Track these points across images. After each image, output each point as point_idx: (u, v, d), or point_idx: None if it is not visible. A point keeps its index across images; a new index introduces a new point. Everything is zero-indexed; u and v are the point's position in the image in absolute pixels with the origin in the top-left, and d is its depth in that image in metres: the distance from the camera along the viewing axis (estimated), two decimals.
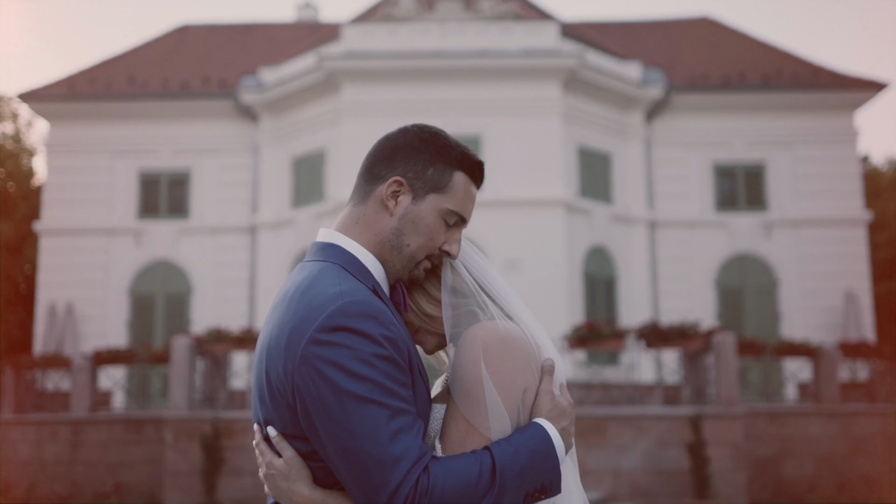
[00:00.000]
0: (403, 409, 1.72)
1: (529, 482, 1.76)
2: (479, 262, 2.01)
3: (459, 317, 1.93)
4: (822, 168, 20.85)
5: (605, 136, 19.98)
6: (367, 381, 1.70)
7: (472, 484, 1.70)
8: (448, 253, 1.95)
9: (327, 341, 1.72)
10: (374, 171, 1.96)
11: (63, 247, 20.76)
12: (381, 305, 1.80)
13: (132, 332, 20.36)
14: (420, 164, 1.93)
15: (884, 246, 29.04)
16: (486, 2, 20.02)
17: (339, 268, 1.87)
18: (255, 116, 20.94)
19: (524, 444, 1.78)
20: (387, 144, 1.97)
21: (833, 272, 20.31)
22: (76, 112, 21.23)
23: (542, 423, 1.83)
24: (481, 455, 1.75)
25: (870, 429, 12.70)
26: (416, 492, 1.67)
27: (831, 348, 13.46)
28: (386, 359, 1.73)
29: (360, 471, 1.69)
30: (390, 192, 1.93)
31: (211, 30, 25.11)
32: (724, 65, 21.94)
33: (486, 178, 2.04)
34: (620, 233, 19.97)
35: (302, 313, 1.77)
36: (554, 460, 1.80)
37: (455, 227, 1.96)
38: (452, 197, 1.94)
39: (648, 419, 11.97)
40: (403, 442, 1.69)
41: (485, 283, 1.97)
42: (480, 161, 2.00)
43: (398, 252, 1.93)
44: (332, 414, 1.71)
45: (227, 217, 20.88)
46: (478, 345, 1.83)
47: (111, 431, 12.97)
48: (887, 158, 33.16)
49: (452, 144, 1.97)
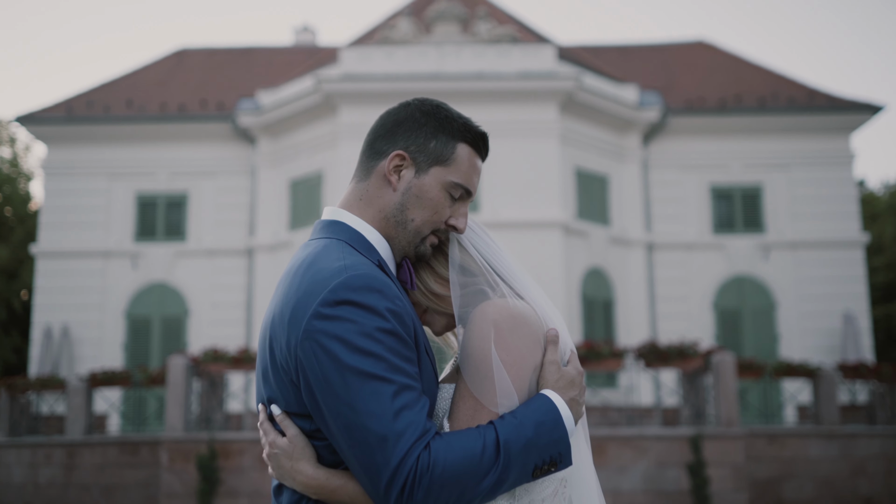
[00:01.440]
0: (408, 384, 1.69)
1: (536, 455, 1.73)
2: (488, 241, 1.98)
3: (468, 296, 1.90)
4: (819, 190, 20.88)
5: (602, 159, 20.02)
6: (371, 356, 1.67)
7: (476, 459, 1.67)
8: (455, 227, 1.92)
9: (331, 315, 1.69)
10: (376, 147, 1.93)
11: (59, 269, 20.70)
12: (385, 279, 1.76)
13: (128, 354, 20.26)
14: (422, 136, 1.90)
15: (881, 269, 29.08)
16: (483, 25, 20.11)
17: (344, 244, 1.85)
18: (252, 139, 20.96)
19: (529, 417, 1.74)
20: (388, 119, 1.95)
21: (831, 294, 20.29)
22: (74, 135, 21.25)
23: (548, 393, 1.80)
24: (485, 430, 1.72)
25: (870, 451, 12.62)
26: (416, 469, 1.63)
27: (830, 369, 13.40)
28: (390, 333, 1.70)
29: (362, 448, 1.66)
30: (392, 166, 1.90)
31: (209, 53, 25.20)
32: (720, 88, 22.03)
33: (483, 200, 2.02)
34: (618, 255, 19.95)
35: (305, 288, 1.75)
36: (561, 431, 1.77)
37: (461, 200, 1.94)
38: (456, 169, 1.91)
39: (648, 440, 11.88)
40: (407, 418, 1.65)
41: (494, 261, 1.94)
42: (484, 132, 1.97)
43: (403, 227, 1.90)
44: (334, 390, 1.67)
45: (224, 239, 20.85)
46: (488, 323, 1.81)
47: (106, 454, 12.85)
48: (883, 182, 33.28)
49: (455, 116, 1.94)
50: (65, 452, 13.12)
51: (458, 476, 1.65)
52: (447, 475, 1.64)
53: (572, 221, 18.90)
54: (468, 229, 1.97)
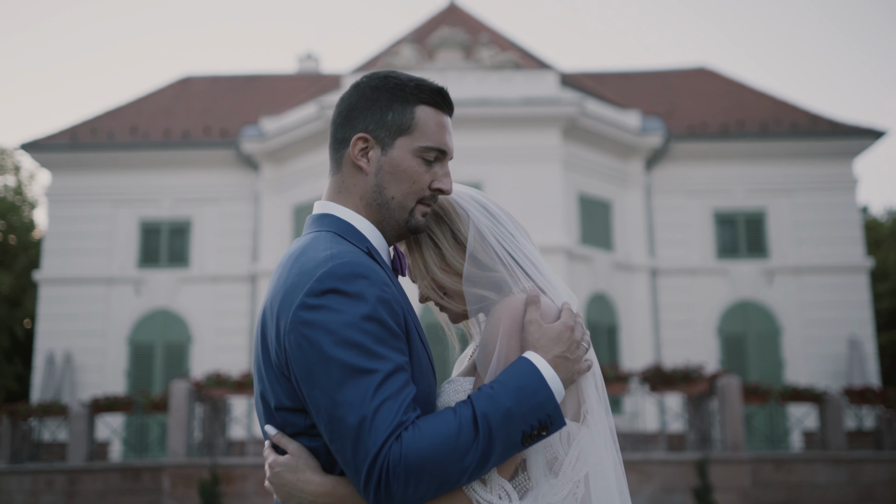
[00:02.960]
0: (392, 372, 1.65)
1: (521, 422, 1.66)
2: (512, 231, 1.94)
3: (485, 288, 1.86)
4: (823, 215, 20.86)
5: (605, 184, 20.03)
6: (355, 347, 1.64)
7: (452, 439, 1.62)
8: (441, 190, 1.89)
9: (316, 305, 1.67)
10: (339, 136, 1.91)
11: (62, 296, 20.67)
12: (373, 265, 1.74)
13: (131, 381, 20.18)
14: (378, 112, 1.87)
15: (885, 296, 28.98)
16: (486, 51, 20.21)
17: (333, 234, 1.83)
18: (256, 165, 21.01)
19: (507, 384, 1.68)
20: (343, 106, 1.92)
21: (836, 319, 20.20)
22: (78, 162, 21.30)
23: (527, 355, 1.73)
24: (461, 407, 1.67)
25: (878, 476, 12.50)
26: (388, 461, 1.59)
27: (837, 394, 13.31)
28: (377, 321, 1.67)
29: (342, 441, 1.63)
30: (357, 151, 1.87)
31: (213, 80, 25.33)
32: (722, 113, 22.08)
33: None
34: (622, 280, 19.90)
35: (293, 279, 1.73)
36: (546, 393, 1.69)
37: (437, 162, 1.89)
38: (421, 134, 1.87)
39: (654, 464, 11.78)
40: (385, 411, 1.61)
41: (517, 252, 1.90)
42: (440, 87, 1.92)
43: (386, 207, 1.87)
44: (317, 381, 1.64)
45: (227, 266, 20.83)
46: (506, 317, 1.78)
47: (108, 480, 12.76)
48: (886, 209, 33.26)
49: (406, 80, 1.90)
50: (66, 479, 13.02)
51: (434, 459, 1.60)
52: (422, 461, 1.59)
53: (575, 247, 18.88)
54: (488, 219, 1.92)
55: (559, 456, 1.78)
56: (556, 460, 1.78)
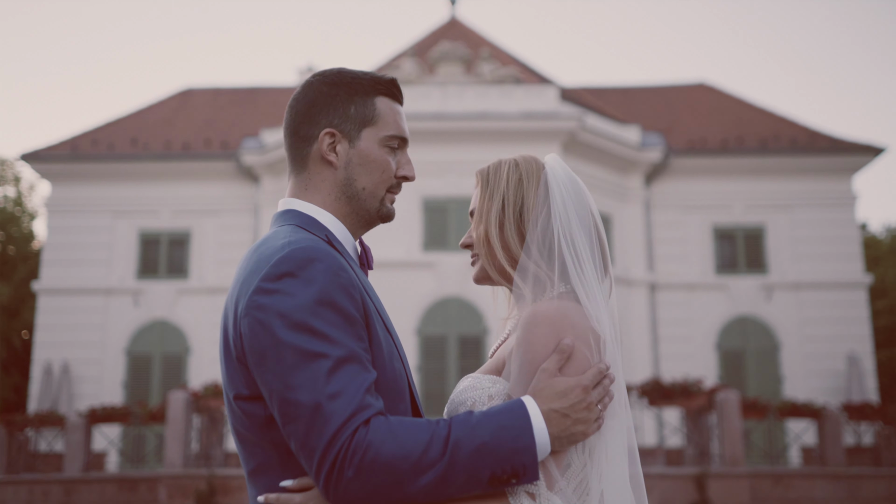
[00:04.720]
0: (347, 357, 1.63)
1: (493, 461, 1.61)
2: (574, 224, 1.91)
3: (529, 282, 1.87)
4: (822, 231, 20.88)
5: (604, 199, 20.06)
6: (308, 332, 1.63)
7: (418, 451, 1.59)
8: (406, 177, 1.94)
9: (271, 290, 1.67)
10: (302, 135, 1.92)
11: (61, 306, 20.65)
12: (329, 250, 1.74)
13: (128, 392, 20.14)
14: (340, 107, 1.90)
15: (884, 313, 28.94)
16: (487, 66, 20.27)
17: (294, 226, 1.84)
18: (256, 177, 21.03)
19: (491, 419, 1.64)
20: (300, 105, 1.93)
21: (835, 335, 20.19)
22: (78, 172, 21.32)
23: (525, 399, 1.69)
24: (438, 424, 1.64)
25: (876, 492, 12.48)
26: (350, 445, 1.56)
27: (835, 410, 13.30)
28: (331, 305, 1.66)
29: (295, 425, 1.60)
30: (326, 146, 1.89)
31: (214, 93, 25.38)
32: (722, 129, 22.14)
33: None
34: (621, 295, 19.89)
35: (251, 267, 1.75)
36: (527, 441, 1.63)
37: (400, 149, 1.94)
38: (384, 123, 1.92)
39: (652, 478, 11.74)
40: (342, 395, 1.59)
41: (569, 251, 1.88)
42: (392, 78, 1.97)
43: (357, 198, 1.90)
44: (270, 365, 1.63)
45: (226, 277, 20.81)
46: (530, 353, 1.76)
47: (104, 491, 12.72)
48: (885, 226, 33.27)
49: (360, 75, 1.94)
50: (62, 489, 12.98)
51: (393, 463, 1.57)
52: (382, 459, 1.57)
53: None
54: (564, 209, 1.91)
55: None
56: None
